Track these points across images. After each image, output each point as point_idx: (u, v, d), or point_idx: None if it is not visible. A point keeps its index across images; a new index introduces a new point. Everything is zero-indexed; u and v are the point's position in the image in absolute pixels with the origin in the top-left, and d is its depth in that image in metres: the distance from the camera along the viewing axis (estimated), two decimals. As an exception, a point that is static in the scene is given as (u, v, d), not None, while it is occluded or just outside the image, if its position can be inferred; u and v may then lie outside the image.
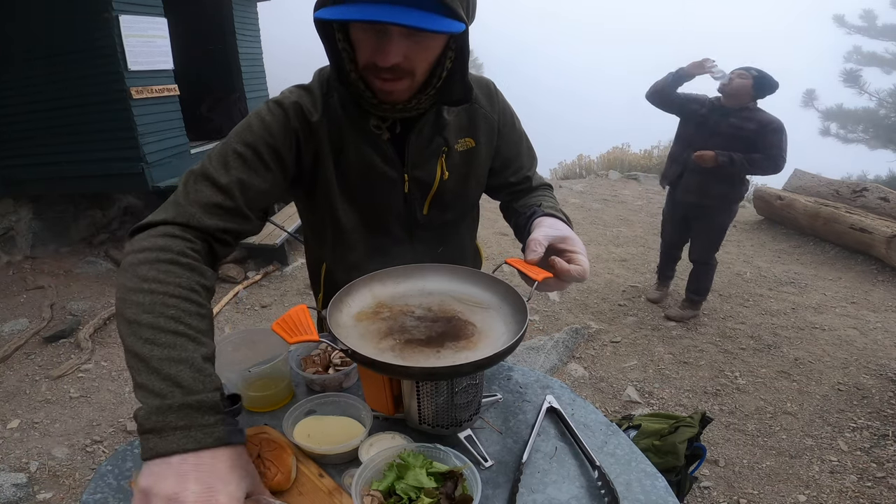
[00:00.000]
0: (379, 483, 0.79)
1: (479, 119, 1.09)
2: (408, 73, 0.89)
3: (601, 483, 0.84)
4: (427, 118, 1.02)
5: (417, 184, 1.07)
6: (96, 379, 3.14)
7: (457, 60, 0.94)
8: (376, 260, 1.06)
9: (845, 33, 10.47)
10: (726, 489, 2.24)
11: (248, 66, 6.04)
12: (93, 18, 4.05)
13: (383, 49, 0.85)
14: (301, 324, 0.81)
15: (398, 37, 0.84)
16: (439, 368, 0.78)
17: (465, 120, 1.08)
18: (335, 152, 1.01)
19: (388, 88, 0.91)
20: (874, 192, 5.07)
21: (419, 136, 1.03)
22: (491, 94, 1.12)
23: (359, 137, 1.01)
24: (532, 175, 1.21)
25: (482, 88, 1.11)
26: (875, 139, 9.72)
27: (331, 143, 1.01)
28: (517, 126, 1.18)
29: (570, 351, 3.29)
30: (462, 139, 1.08)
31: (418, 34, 0.85)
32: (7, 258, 4.68)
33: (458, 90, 0.97)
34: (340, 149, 1.01)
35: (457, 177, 1.09)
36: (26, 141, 4.62)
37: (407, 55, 0.87)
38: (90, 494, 0.86)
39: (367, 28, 0.86)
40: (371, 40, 0.86)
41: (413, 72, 0.90)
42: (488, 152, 1.12)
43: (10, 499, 2.24)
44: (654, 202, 6.65)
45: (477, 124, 1.09)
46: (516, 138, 1.18)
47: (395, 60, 0.85)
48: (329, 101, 1.01)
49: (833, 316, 3.64)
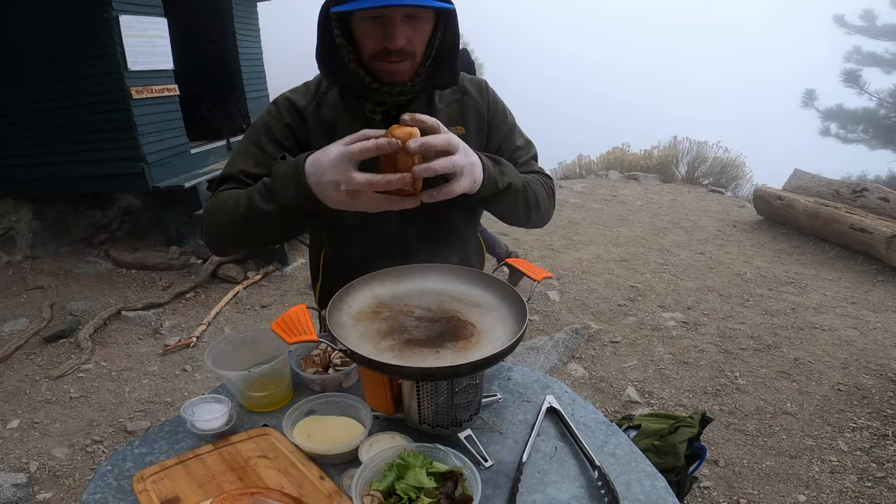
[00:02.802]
0: (379, 483, 0.79)
1: (470, 109, 1.17)
2: (410, 55, 1.00)
3: (601, 483, 0.84)
4: (419, 104, 1.10)
5: None
6: (96, 379, 3.14)
7: (444, 42, 1.04)
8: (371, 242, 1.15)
9: (845, 33, 10.48)
10: (726, 489, 2.24)
11: (248, 66, 6.04)
12: (93, 18, 4.05)
13: (391, 34, 0.95)
14: (300, 324, 0.81)
15: (400, 22, 0.95)
16: (438, 369, 0.78)
17: (456, 110, 1.15)
18: (327, 133, 1.09)
19: (394, 70, 1.01)
20: (874, 192, 5.07)
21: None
22: (482, 89, 1.20)
23: (351, 120, 1.09)
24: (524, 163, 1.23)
25: (475, 85, 1.19)
26: (875, 139, 9.72)
27: (323, 126, 1.10)
28: (509, 119, 1.24)
29: (570, 351, 3.29)
30: (453, 127, 1.13)
31: (415, 18, 0.97)
32: (7, 258, 4.68)
33: (447, 73, 1.07)
34: (333, 130, 1.10)
35: None
36: (26, 141, 4.62)
37: (409, 37, 0.97)
38: (90, 494, 0.86)
39: (371, 19, 0.96)
40: (377, 29, 0.96)
41: (415, 52, 1.01)
42: (479, 140, 1.18)
43: (10, 499, 2.24)
44: (653, 202, 6.65)
45: (467, 114, 1.16)
46: (507, 130, 1.23)
47: (403, 43, 0.96)
48: (325, 92, 1.12)
49: (833, 316, 3.64)
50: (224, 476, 0.87)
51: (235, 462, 0.90)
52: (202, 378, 3.15)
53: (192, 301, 4.11)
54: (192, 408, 0.99)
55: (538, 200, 1.14)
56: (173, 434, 1.00)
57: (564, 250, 4.95)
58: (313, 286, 1.36)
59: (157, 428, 1.02)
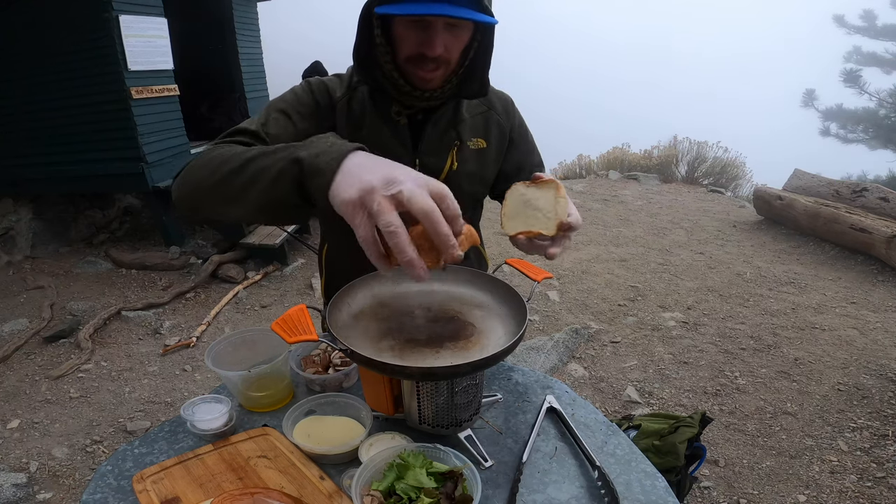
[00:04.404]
0: (379, 483, 0.79)
1: (493, 125, 1.20)
2: (445, 63, 1.01)
3: (601, 483, 0.84)
4: (445, 113, 1.13)
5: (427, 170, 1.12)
6: (96, 379, 3.14)
7: (479, 54, 1.06)
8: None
9: (845, 33, 10.47)
10: (726, 489, 2.24)
11: (248, 66, 6.04)
12: (93, 18, 4.05)
13: (430, 41, 0.96)
14: (300, 324, 0.81)
15: (441, 30, 0.96)
16: (438, 369, 0.78)
17: (480, 123, 1.18)
18: (353, 128, 1.11)
19: (428, 76, 1.02)
20: (874, 192, 5.07)
21: (435, 127, 1.13)
22: (508, 106, 1.23)
23: (378, 119, 1.11)
24: None
25: (501, 101, 1.23)
26: (875, 139, 9.72)
27: (349, 120, 1.11)
28: (530, 138, 1.29)
29: (570, 351, 3.29)
30: (475, 139, 1.17)
31: (455, 27, 0.98)
32: (7, 258, 4.68)
33: (477, 84, 1.09)
34: (359, 126, 1.11)
35: (465, 171, 1.17)
36: (27, 141, 4.62)
37: (447, 45, 0.98)
38: (90, 494, 0.86)
39: (413, 23, 0.97)
40: (417, 34, 0.97)
41: (449, 61, 1.01)
42: (498, 156, 1.22)
43: (10, 499, 2.24)
44: (653, 202, 6.65)
45: (490, 129, 1.19)
46: (529, 148, 1.28)
47: (440, 51, 0.97)
48: (356, 87, 1.13)
49: (833, 316, 3.64)
50: (224, 476, 0.87)
51: (235, 462, 0.90)
52: (202, 378, 3.15)
53: (192, 301, 4.11)
54: (192, 408, 0.99)
55: None
56: (173, 434, 1.00)
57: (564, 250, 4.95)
58: (320, 279, 1.39)
59: (157, 428, 1.02)
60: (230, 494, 0.76)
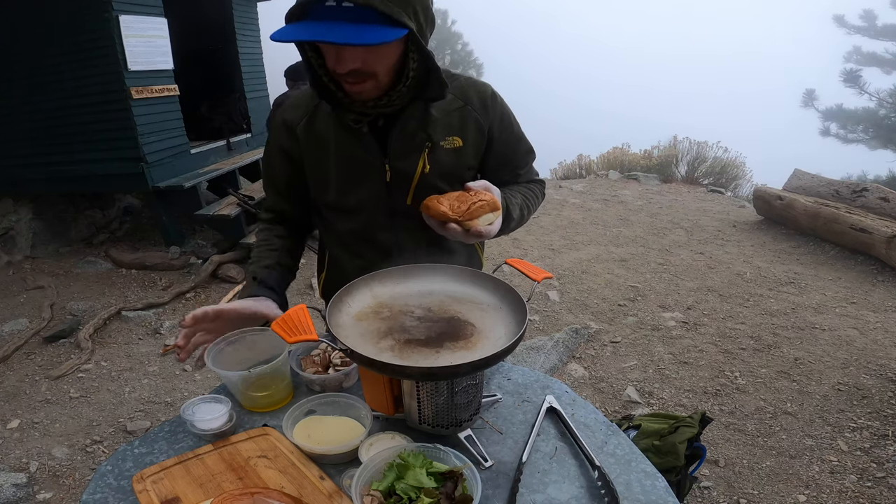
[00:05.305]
0: (379, 483, 0.79)
1: (470, 121, 1.15)
2: (370, 76, 0.98)
3: (601, 483, 0.84)
4: (412, 114, 1.09)
5: (399, 174, 1.13)
6: (96, 379, 3.14)
7: (421, 61, 1.01)
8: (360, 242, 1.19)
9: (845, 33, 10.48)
10: (726, 489, 2.24)
11: (248, 66, 6.03)
12: (93, 18, 4.05)
13: (340, 58, 0.94)
14: (300, 323, 0.81)
15: (351, 46, 0.92)
16: (438, 368, 0.78)
17: (455, 120, 1.14)
18: (321, 146, 1.14)
19: (356, 89, 1.00)
20: (874, 192, 5.07)
21: (403, 130, 1.10)
22: (485, 100, 1.16)
23: (340, 131, 1.11)
24: (523, 172, 1.29)
25: (479, 94, 1.16)
26: (875, 139, 9.72)
27: (316, 140, 1.14)
28: (515, 129, 1.23)
29: (570, 351, 3.29)
30: (449, 137, 1.14)
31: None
32: (7, 258, 4.68)
33: (435, 87, 1.05)
34: (325, 145, 1.13)
35: (439, 172, 1.14)
36: (26, 141, 4.62)
37: (365, 60, 0.95)
38: (90, 494, 0.86)
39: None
40: (331, 50, 0.95)
41: (374, 73, 0.98)
42: (476, 152, 1.18)
43: (10, 499, 2.24)
44: (653, 202, 6.65)
45: (467, 125, 1.15)
46: (514, 141, 1.23)
47: (352, 66, 0.94)
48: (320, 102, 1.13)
49: (833, 316, 3.64)
50: (224, 476, 0.87)
51: (235, 462, 0.90)
52: (202, 378, 3.15)
53: (192, 301, 4.10)
54: (192, 408, 0.99)
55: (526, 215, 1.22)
56: (173, 434, 1.00)
57: (564, 250, 4.95)
58: (318, 276, 1.39)
59: (157, 428, 1.02)
60: (230, 494, 0.76)
